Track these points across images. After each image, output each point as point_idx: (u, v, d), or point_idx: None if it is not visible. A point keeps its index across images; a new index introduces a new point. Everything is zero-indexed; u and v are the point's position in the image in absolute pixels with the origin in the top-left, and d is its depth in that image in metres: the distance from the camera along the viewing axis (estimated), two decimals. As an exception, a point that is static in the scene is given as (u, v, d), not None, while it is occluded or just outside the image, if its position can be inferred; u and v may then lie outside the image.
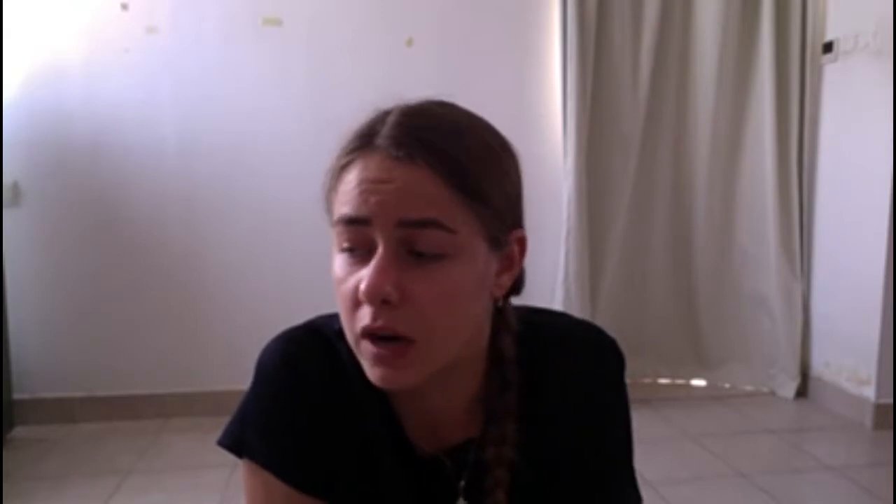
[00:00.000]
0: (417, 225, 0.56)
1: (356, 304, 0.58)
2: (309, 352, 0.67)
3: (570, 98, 2.65)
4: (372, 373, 0.59)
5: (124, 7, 2.46)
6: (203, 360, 2.59)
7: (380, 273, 0.56)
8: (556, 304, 2.67)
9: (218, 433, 0.69)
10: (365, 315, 0.57)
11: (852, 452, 2.37)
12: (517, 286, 0.68)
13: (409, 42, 2.62)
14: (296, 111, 2.57)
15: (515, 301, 0.71)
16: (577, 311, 2.63)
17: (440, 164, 0.57)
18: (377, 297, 0.56)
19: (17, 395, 2.40)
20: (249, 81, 2.55)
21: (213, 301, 2.59)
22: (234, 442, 0.67)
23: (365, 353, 0.59)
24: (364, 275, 0.57)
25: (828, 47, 2.71)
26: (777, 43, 2.73)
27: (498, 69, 2.68)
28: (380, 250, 0.57)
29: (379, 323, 0.57)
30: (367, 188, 0.57)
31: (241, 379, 0.70)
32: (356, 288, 0.57)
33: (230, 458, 0.69)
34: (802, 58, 2.75)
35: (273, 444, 0.65)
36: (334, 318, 0.70)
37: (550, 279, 2.71)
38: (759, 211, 2.84)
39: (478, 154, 0.60)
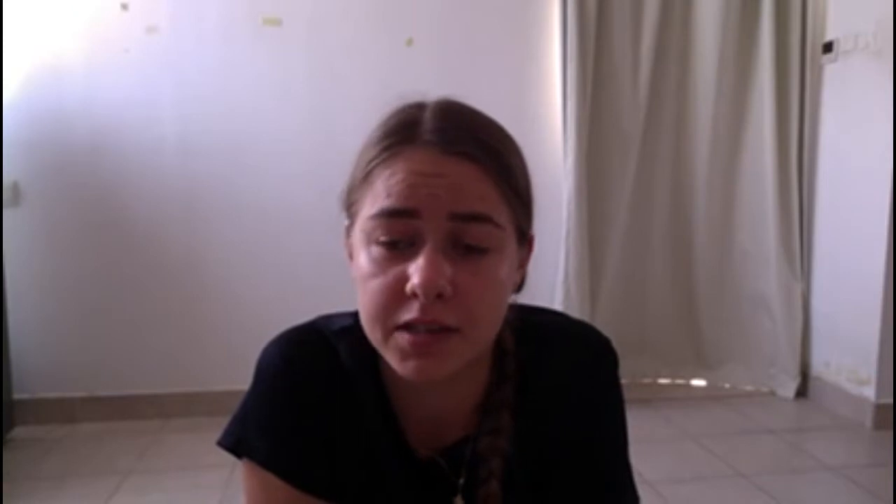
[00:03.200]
0: (468, 219, 0.57)
1: (396, 297, 0.57)
2: (309, 352, 0.68)
3: (570, 98, 2.65)
4: (404, 366, 0.58)
5: (124, 7, 2.46)
6: (203, 360, 2.59)
7: (435, 267, 0.55)
8: (556, 304, 2.67)
9: (218, 433, 0.69)
10: (411, 309, 0.56)
11: (852, 452, 2.37)
12: (520, 284, 0.69)
13: (409, 42, 2.62)
14: (296, 111, 2.57)
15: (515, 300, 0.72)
16: (576, 311, 2.63)
17: (490, 161, 0.58)
18: (433, 292, 0.55)
19: (17, 395, 2.41)
20: (249, 81, 2.55)
21: (213, 301, 2.59)
22: (234, 442, 0.67)
23: (399, 345, 0.57)
24: (412, 269, 0.56)
25: (828, 47, 2.70)
26: (777, 43, 2.73)
27: (498, 69, 2.68)
28: (429, 243, 0.56)
29: (429, 317, 0.56)
30: (417, 181, 0.57)
31: (241, 379, 0.70)
32: (398, 281, 0.56)
33: (230, 458, 0.69)
34: (802, 58, 2.75)
35: (273, 444, 0.65)
36: (334, 318, 0.70)
37: (550, 279, 2.71)
38: (759, 211, 2.84)
39: (514, 152, 0.62)
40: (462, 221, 0.57)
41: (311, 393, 0.66)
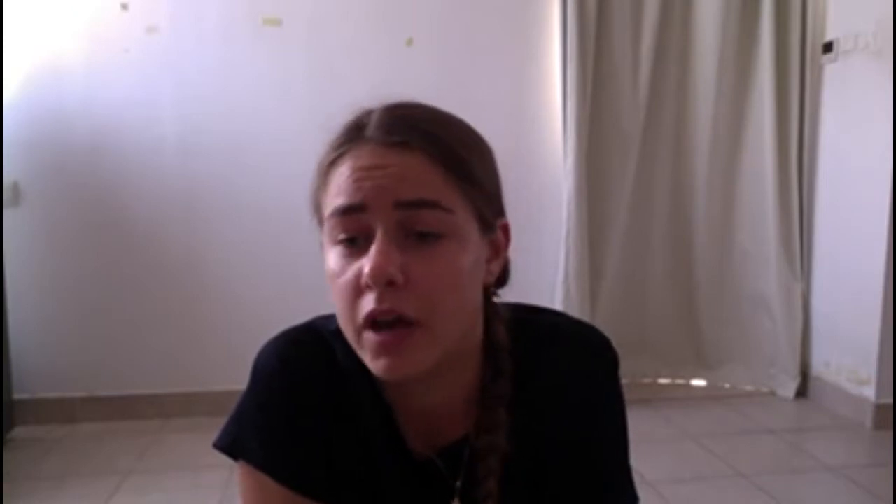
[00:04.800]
0: (415, 205, 0.57)
1: (357, 293, 0.58)
2: (305, 352, 0.67)
3: (570, 98, 2.65)
4: (375, 365, 0.58)
5: (124, 7, 2.46)
6: (203, 360, 2.59)
7: (383, 255, 0.56)
8: (556, 304, 2.66)
9: (218, 433, 0.69)
10: (368, 301, 0.57)
11: (852, 452, 2.37)
12: (503, 276, 0.69)
13: (409, 42, 2.62)
14: (296, 111, 2.57)
15: (513, 299, 0.72)
16: (576, 311, 2.63)
17: (433, 148, 0.59)
18: (382, 279, 0.55)
19: (17, 395, 2.40)
20: (249, 81, 2.55)
21: (213, 301, 2.59)
22: (231, 443, 0.67)
23: (368, 344, 0.58)
24: (365, 262, 0.57)
25: (828, 47, 2.70)
26: (777, 43, 2.73)
27: (498, 69, 2.68)
28: (379, 234, 0.57)
29: (385, 306, 0.56)
30: (361, 175, 0.58)
31: (241, 379, 0.70)
32: (356, 277, 0.57)
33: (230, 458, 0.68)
34: (802, 58, 2.75)
35: (269, 446, 0.65)
36: (331, 318, 0.69)
37: (550, 279, 2.71)
38: (759, 211, 2.83)
39: (465, 139, 0.63)
40: (408, 209, 0.57)
41: (307, 393, 0.66)
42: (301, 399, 0.66)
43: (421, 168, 0.58)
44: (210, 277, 2.59)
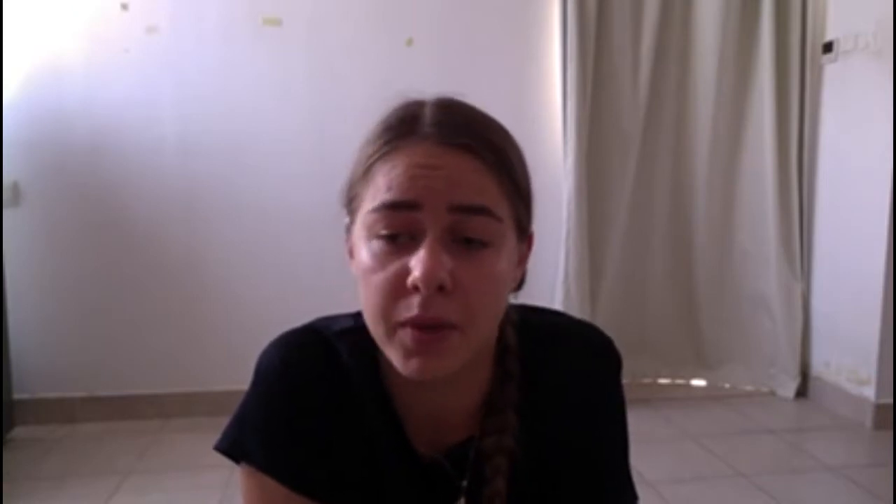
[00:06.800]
0: (468, 211, 0.57)
1: (397, 292, 0.56)
2: (308, 354, 0.67)
3: (570, 98, 2.65)
4: (407, 364, 0.57)
5: (124, 7, 2.46)
6: (203, 360, 2.59)
7: (436, 259, 0.55)
8: (556, 304, 2.67)
9: (218, 434, 0.68)
10: (412, 304, 0.56)
11: (852, 452, 2.37)
12: (520, 282, 0.69)
13: (409, 42, 2.62)
14: (296, 111, 2.57)
15: (516, 299, 0.72)
16: (576, 311, 2.63)
17: (488, 153, 0.58)
18: (434, 284, 0.55)
19: (17, 395, 2.40)
20: (249, 81, 2.55)
21: (213, 301, 2.59)
22: (233, 445, 0.67)
23: (402, 342, 0.57)
24: (414, 262, 0.55)
25: (828, 47, 2.71)
26: (777, 43, 2.73)
27: (498, 69, 2.68)
28: (429, 236, 0.56)
29: (431, 313, 0.55)
30: (417, 173, 0.57)
31: (241, 379, 0.70)
32: (399, 275, 0.56)
33: (230, 458, 0.68)
34: (802, 58, 2.75)
35: (272, 447, 0.65)
36: (334, 319, 0.70)
37: (550, 279, 2.71)
38: (759, 211, 2.84)
39: (513, 147, 0.63)
40: (461, 214, 0.57)
41: (309, 395, 0.66)
42: (302, 400, 0.65)
43: (476, 173, 0.58)
44: (210, 277, 2.59)
